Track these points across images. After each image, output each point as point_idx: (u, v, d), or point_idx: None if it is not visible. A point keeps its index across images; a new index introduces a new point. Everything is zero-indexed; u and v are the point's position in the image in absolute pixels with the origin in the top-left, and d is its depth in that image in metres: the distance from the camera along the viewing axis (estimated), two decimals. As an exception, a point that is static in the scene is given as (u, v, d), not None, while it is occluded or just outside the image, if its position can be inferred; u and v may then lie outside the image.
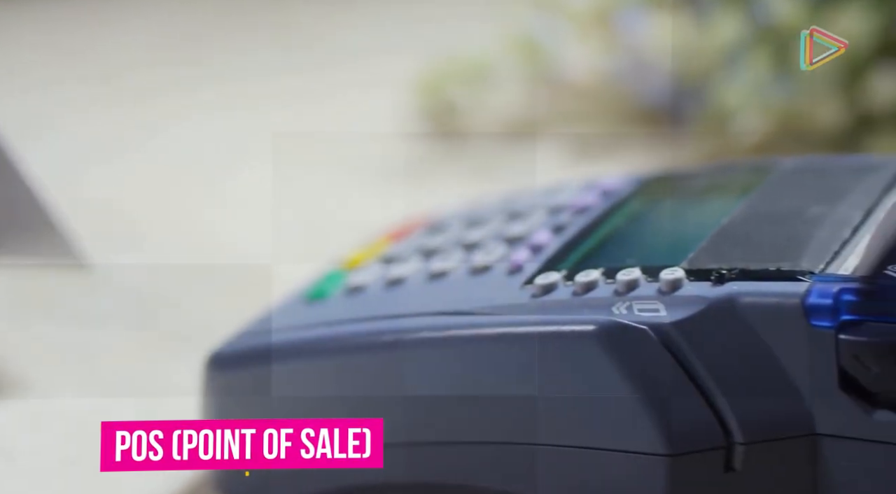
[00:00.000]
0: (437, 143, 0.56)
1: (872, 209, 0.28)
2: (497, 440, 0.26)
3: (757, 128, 0.49)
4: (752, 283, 0.25)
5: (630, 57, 0.54)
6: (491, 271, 0.29)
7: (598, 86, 0.57)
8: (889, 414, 0.24)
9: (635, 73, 0.55)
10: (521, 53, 0.57)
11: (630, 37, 0.54)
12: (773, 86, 0.49)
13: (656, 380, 0.25)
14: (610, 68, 0.56)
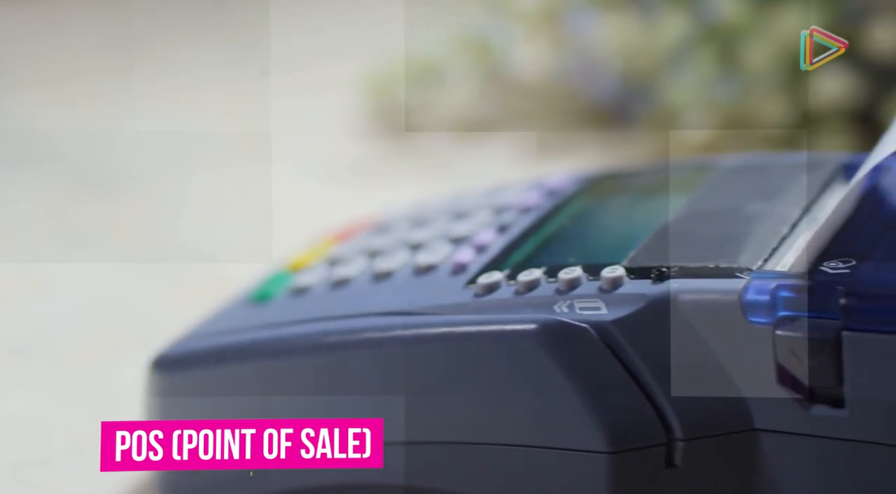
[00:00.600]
0: (387, 143, 0.56)
1: (811, 206, 0.28)
2: (440, 439, 0.26)
3: (704, 126, 0.49)
4: (691, 281, 0.26)
5: (578, 56, 0.55)
6: (435, 271, 0.29)
7: (548, 86, 0.57)
8: (825, 409, 0.24)
9: (584, 73, 0.55)
10: (471, 53, 0.57)
11: (578, 37, 0.54)
12: (718, 85, 0.49)
13: (597, 378, 0.25)
14: (559, 68, 0.56)
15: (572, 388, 0.25)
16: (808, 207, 0.28)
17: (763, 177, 0.30)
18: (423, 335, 0.26)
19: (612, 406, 0.25)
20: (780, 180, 0.30)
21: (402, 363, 0.26)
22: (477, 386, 0.26)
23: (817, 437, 0.24)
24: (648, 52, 0.51)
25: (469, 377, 0.26)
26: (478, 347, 0.26)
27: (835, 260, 0.25)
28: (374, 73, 0.57)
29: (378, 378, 0.27)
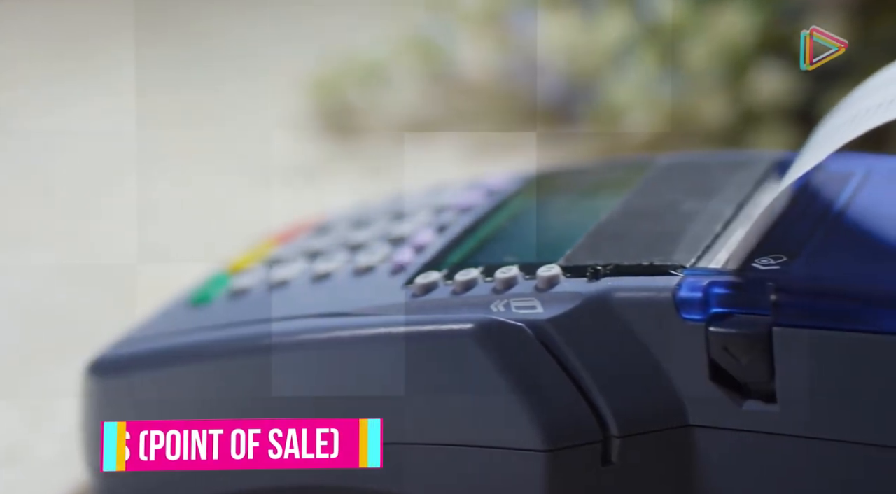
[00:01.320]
0: (333, 143, 0.56)
1: (744, 203, 0.29)
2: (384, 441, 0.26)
3: (646, 125, 0.50)
4: (626, 279, 0.26)
5: (522, 56, 0.55)
6: (374, 272, 0.29)
7: (493, 86, 0.57)
8: (758, 404, 0.25)
9: (528, 72, 0.55)
10: (416, 53, 0.57)
11: (522, 36, 0.54)
12: (660, 84, 0.50)
13: (533, 377, 0.25)
14: (503, 67, 0.56)
15: (508, 387, 0.25)
16: (742, 205, 0.29)
17: (698, 175, 0.30)
18: (360, 336, 0.26)
19: (548, 404, 0.25)
20: (714, 178, 0.30)
21: (337, 364, 0.26)
22: (413, 387, 0.26)
23: (750, 432, 0.25)
24: (591, 52, 0.51)
25: (405, 377, 0.26)
26: (414, 347, 0.26)
27: (766, 257, 0.25)
28: (319, 73, 0.57)
29: (313, 379, 0.27)
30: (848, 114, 0.26)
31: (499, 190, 0.33)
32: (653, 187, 0.30)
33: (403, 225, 0.32)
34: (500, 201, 0.32)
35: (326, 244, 0.32)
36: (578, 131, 0.53)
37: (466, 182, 0.34)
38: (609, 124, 0.51)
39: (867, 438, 0.24)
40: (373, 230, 0.32)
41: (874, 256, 0.26)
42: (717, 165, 0.31)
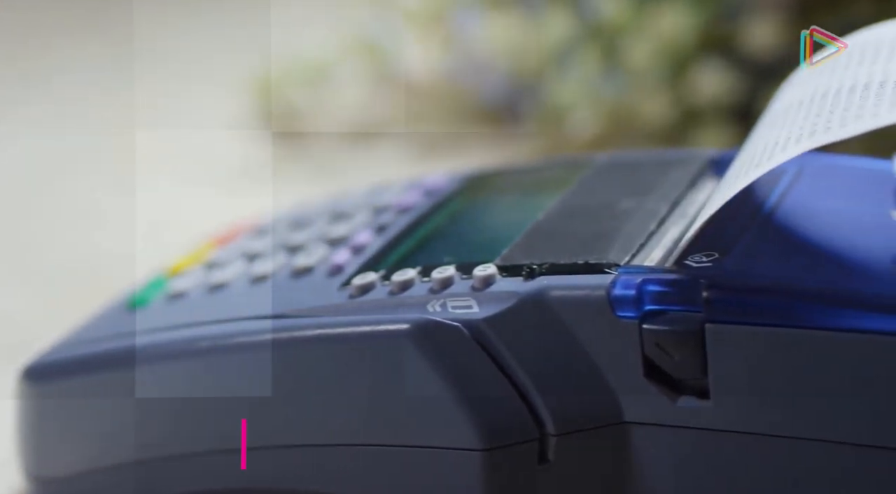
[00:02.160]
0: (277, 145, 0.56)
1: (679, 201, 0.29)
2: (315, 442, 0.26)
3: (590, 124, 0.50)
4: (561, 277, 0.26)
5: (466, 56, 0.55)
6: (312, 273, 0.29)
7: (437, 86, 0.57)
8: (692, 400, 0.25)
9: (472, 72, 0.55)
10: (361, 53, 0.57)
11: (465, 36, 0.55)
12: (603, 83, 0.50)
13: (469, 376, 0.25)
14: (448, 67, 0.56)
15: (445, 387, 0.25)
16: (677, 203, 0.29)
17: (634, 174, 0.31)
18: (296, 337, 0.26)
19: (484, 403, 0.25)
20: (650, 177, 0.30)
21: (274, 366, 0.26)
22: (350, 388, 0.26)
23: (684, 428, 0.25)
24: (534, 51, 0.51)
25: (342, 378, 0.26)
26: (351, 348, 0.26)
27: (699, 254, 0.26)
28: (263, 74, 0.57)
29: (250, 382, 0.27)
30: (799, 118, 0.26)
31: (438, 190, 0.33)
32: (589, 186, 0.30)
33: (342, 226, 0.32)
34: (439, 201, 0.32)
35: (265, 246, 0.32)
36: (523, 131, 0.53)
37: (406, 182, 0.34)
38: (552, 124, 0.51)
39: (798, 432, 0.24)
40: (311, 231, 0.32)
41: (805, 253, 0.26)
42: (652, 164, 0.31)
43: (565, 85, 0.50)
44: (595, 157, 0.33)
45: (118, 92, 0.61)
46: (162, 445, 0.28)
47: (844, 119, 0.24)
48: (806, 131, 0.24)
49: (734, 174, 0.26)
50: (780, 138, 0.25)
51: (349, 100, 0.58)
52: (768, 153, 0.25)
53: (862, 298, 0.24)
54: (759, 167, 0.25)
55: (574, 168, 0.32)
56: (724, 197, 0.25)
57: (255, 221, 0.35)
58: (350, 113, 0.57)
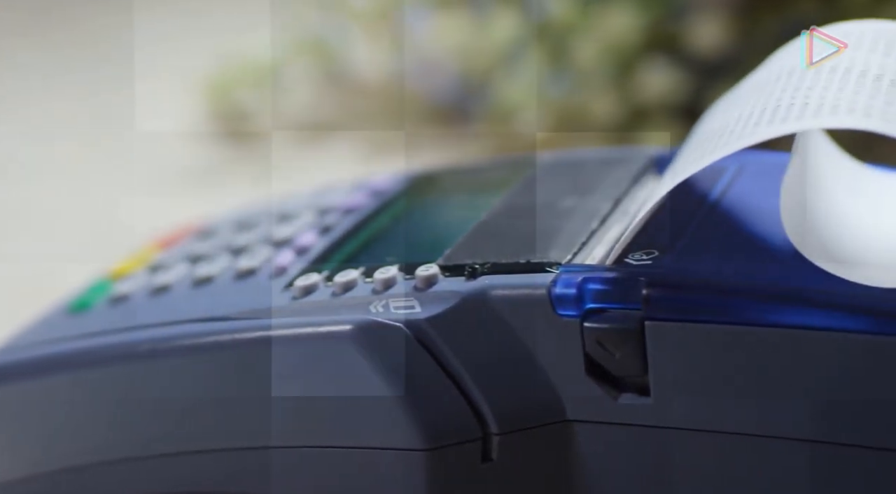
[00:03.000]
0: (226, 146, 0.56)
1: (621, 199, 0.29)
2: (257, 445, 0.26)
3: (538, 124, 0.50)
4: (503, 277, 0.26)
5: (415, 56, 0.55)
6: (255, 275, 0.29)
7: (387, 86, 0.57)
8: (633, 397, 0.25)
9: (421, 72, 0.55)
10: (309, 54, 0.57)
11: (414, 36, 0.55)
12: (551, 83, 0.50)
13: (412, 376, 0.25)
14: (397, 67, 0.57)
15: (387, 387, 0.25)
16: (619, 201, 0.29)
17: (577, 172, 0.31)
18: (237, 340, 0.26)
19: (426, 403, 0.25)
20: (592, 175, 0.30)
21: (214, 369, 0.26)
22: (292, 390, 0.26)
23: (626, 425, 0.25)
24: (482, 52, 0.51)
25: (284, 380, 0.26)
26: (292, 350, 0.26)
27: (639, 252, 0.26)
28: (211, 75, 0.57)
29: (191, 385, 0.26)
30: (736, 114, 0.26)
31: (383, 190, 0.33)
32: (533, 185, 0.31)
33: (287, 227, 0.32)
34: (384, 202, 0.32)
35: (209, 248, 0.32)
36: (472, 130, 0.54)
37: (351, 183, 0.34)
38: (501, 123, 0.52)
39: (737, 428, 0.24)
40: (256, 233, 0.32)
41: (744, 250, 0.26)
42: (595, 162, 0.31)
43: (514, 84, 0.50)
44: (538, 157, 0.33)
45: (65, 92, 0.60)
46: (103, 450, 0.27)
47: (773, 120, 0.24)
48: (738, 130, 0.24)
49: (672, 171, 0.26)
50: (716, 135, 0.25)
51: (298, 100, 0.58)
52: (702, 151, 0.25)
53: (799, 295, 0.24)
54: (694, 164, 0.25)
55: (518, 167, 0.32)
56: (660, 193, 0.26)
57: (200, 223, 0.35)
58: (299, 113, 0.57)
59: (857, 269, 0.24)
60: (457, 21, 0.52)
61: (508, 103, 0.50)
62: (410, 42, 0.55)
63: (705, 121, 0.29)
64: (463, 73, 0.53)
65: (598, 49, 0.49)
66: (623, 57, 0.49)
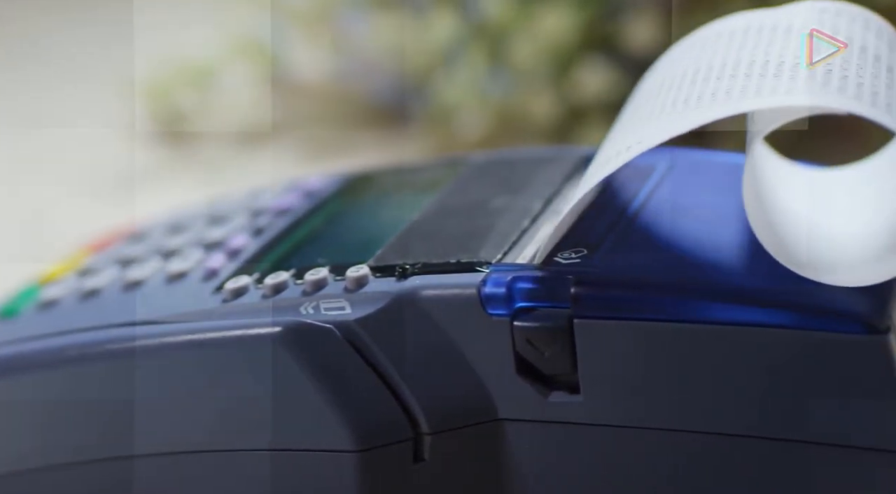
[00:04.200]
0: (165, 149, 0.55)
1: (552, 198, 0.29)
2: (189, 449, 0.26)
3: (477, 123, 0.50)
4: (434, 277, 0.26)
5: (354, 57, 0.55)
6: (186, 278, 0.29)
7: (327, 87, 0.57)
8: (563, 395, 0.25)
9: (361, 73, 0.55)
10: (248, 55, 0.57)
11: (352, 37, 0.54)
12: (489, 83, 0.50)
13: (343, 378, 0.25)
14: (336, 68, 0.56)
15: (318, 389, 0.25)
16: (550, 200, 0.29)
17: (509, 172, 0.31)
18: (165, 343, 0.26)
19: (357, 404, 0.25)
20: (524, 175, 0.30)
21: (143, 373, 0.26)
22: (222, 393, 0.26)
23: (556, 423, 0.25)
24: (421, 52, 0.51)
25: (214, 384, 0.26)
26: (222, 353, 0.26)
27: (568, 251, 0.26)
28: (149, 77, 0.56)
29: (120, 389, 0.26)
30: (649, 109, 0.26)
31: (317, 191, 0.33)
32: (465, 185, 0.31)
33: (219, 229, 0.31)
34: (317, 203, 0.32)
35: (140, 251, 0.31)
36: (412, 131, 0.54)
37: (284, 184, 0.34)
38: (441, 123, 0.52)
39: (667, 424, 0.24)
40: (188, 236, 0.32)
41: (672, 248, 0.26)
42: (527, 162, 0.31)
43: (452, 84, 0.50)
44: (472, 156, 0.33)
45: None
46: (33, 456, 0.27)
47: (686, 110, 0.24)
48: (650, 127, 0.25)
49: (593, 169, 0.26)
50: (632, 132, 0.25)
51: (237, 102, 0.57)
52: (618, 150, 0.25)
53: (726, 291, 0.24)
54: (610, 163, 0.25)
55: (451, 167, 0.32)
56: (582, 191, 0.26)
57: (132, 227, 0.35)
58: (238, 115, 0.57)
59: (825, 272, 0.24)
60: (395, 22, 0.52)
61: (447, 103, 0.50)
62: (349, 43, 0.55)
63: (623, 116, 0.29)
64: (402, 74, 0.53)
65: (535, 48, 0.49)
66: (560, 56, 0.49)
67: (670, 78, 0.27)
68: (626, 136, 0.26)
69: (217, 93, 0.57)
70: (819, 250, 0.25)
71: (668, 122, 0.24)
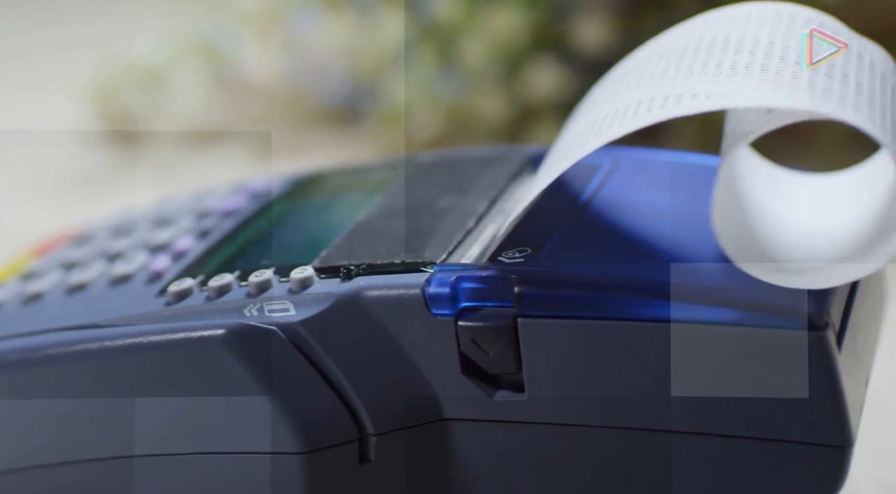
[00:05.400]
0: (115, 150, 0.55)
1: (497, 198, 0.29)
2: (133, 453, 0.26)
3: (428, 123, 0.50)
4: (378, 277, 0.26)
5: (305, 57, 0.55)
6: (131, 281, 0.29)
7: (278, 87, 0.57)
8: (508, 394, 0.25)
9: (312, 73, 0.55)
10: (198, 56, 0.57)
11: (303, 37, 0.54)
12: (440, 83, 0.50)
13: (287, 379, 0.25)
14: (288, 69, 0.56)
15: (262, 391, 0.25)
16: (495, 200, 0.29)
17: (455, 172, 0.31)
18: (106, 347, 0.26)
19: (302, 406, 0.25)
20: (469, 174, 0.30)
21: (85, 378, 0.26)
22: (167, 397, 0.25)
23: (502, 422, 0.25)
24: (371, 52, 0.51)
25: (157, 388, 0.25)
26: (165, 356, 0.25)
27: (513, 250, 0.26)
28: (98, 79, 0.56)
29: (63, 394, 0.26)
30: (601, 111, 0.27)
31: (263, 193, 0.33)
32: (410, 186, 0.31)
33: (164, 232, 0.31)
34: (263, 204, 0.32)
35: (85, 254, 0.31)
36: (363, 131, 0.53)
37: (231, 186, 0.34)
38: (392, 123, 0.51)
39: (610, 422, 0.25)
40: (133, 238, 0.31)
41: (615, 246, 0.26)
42: (472, 162, 0.31)
43: (403, 85, 0.50)
44: (419, 157, 0.33)
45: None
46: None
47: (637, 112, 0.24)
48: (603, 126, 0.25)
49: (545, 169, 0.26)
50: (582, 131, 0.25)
51: (188, 103, 0.57)
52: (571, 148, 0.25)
53: (667, 289, 0.24)
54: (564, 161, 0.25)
55: (398, 168, 0.32)
56: (533, 192, 0.26)
57: (77, 229, 0.34)
58: (189, 116, 0.57)
59: (789, 275, 0.24)
60: (345, 22, 0.52)
61: (398, 103, 0.50)
62: (300, 43, 0.54)
63: (574, 118, 0.29)
64: (353, 74, 0.53)
65: (485, 48, 0.49)
66: (510, 56, 0.49)
67: (638, 70, 0.27)
68: (584, 134, 0.26)
69: (167, 94, 0.56)
70: (776, 253, 0.25)
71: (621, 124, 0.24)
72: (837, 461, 0.23)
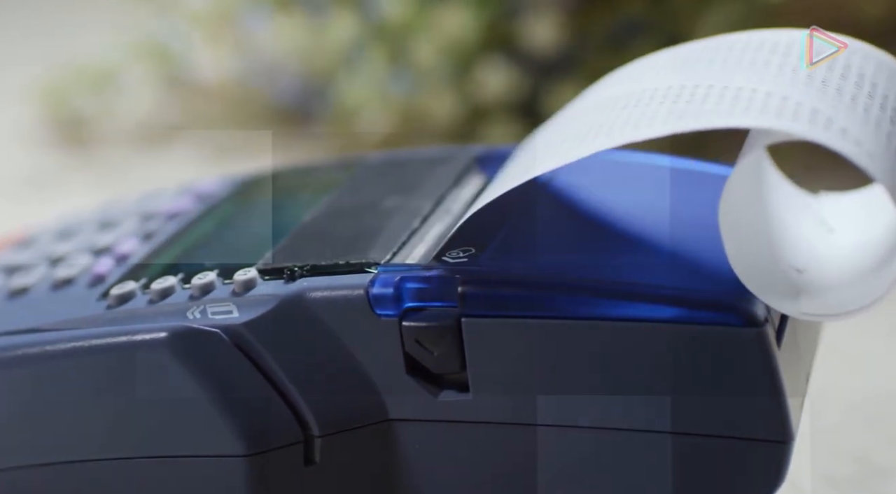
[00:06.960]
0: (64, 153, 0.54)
1: (443, 198, 0.29)
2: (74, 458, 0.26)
3: (379, 123, 0.50)
4: (322, 278, 0.26)
5: (256, 58, 0.55)
6: (73, 284, 0.28)
7: (229, 88, 0.57)
8: (453, 394, 0.25)
9: (263, 74, 0.55)
10: (148, 58, 0.56)
11: (254, 38, 0.54)
12: (391, 82, 0.50)
13: (230, 382, 0.25)
14: (238, 70, 0.56)
15: (205, 394, 0.25)
16: (441, 200, 0.29)
17: (400, 172, 0.31)
18: (46, 352, 0.25)
19: (246, 408, 0.25)
20: (415, 175, 0.30)
21: (26, 382, 0.26)
22: (108, 401, 0.25)
23: (447, 422, 0.25)
24: (322, 52, 0.51)
25: (99, 392, 0.25)
26: (106, 360, 0.25)
27: (457, 250, 0.26)
28: (47, 81, 0.55)
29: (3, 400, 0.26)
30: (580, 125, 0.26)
31: (209, 195, 0.33)
32: (357, 186, 0.30)
33: (109, 234, 0.31)
34: (209, 206, 0.32)
35: (27, 258, 0.31)
36: (315, 131, 0.53)
37: (177, 188, 0.34)
38: (344, 124, 0.51)
39: (555, 421, 0.25)
40: (77, 241, 0.31)
41: (559, 245, 0.27)
42: (418, 162, 0.31)
43: (354, 85, 0.50)
44: (366, 157, 0.33)
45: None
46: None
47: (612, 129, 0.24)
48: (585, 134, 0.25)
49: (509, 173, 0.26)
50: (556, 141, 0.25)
51: (138, 104, 0.56)
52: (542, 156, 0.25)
53: (610, 288, 0.25)
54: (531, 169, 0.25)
55: (345, 169, 0.32)
56: (492, 194, 0.26)
57: (19, 233, 0.34)
58: (139, 118, 0.56)
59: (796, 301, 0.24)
60: (296, 22, 0.52)
61: (350, 103, 0.50)
62: (250, 44, 0.54)
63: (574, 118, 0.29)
64: (304, 74, 0.53)
65: (436, 48, 0.49)
66: (461, 56, 0.49)
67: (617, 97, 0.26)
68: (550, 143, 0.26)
69: (117, 96, 0.56)
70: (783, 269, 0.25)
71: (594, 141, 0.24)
72: (778, 456, 0.24)
